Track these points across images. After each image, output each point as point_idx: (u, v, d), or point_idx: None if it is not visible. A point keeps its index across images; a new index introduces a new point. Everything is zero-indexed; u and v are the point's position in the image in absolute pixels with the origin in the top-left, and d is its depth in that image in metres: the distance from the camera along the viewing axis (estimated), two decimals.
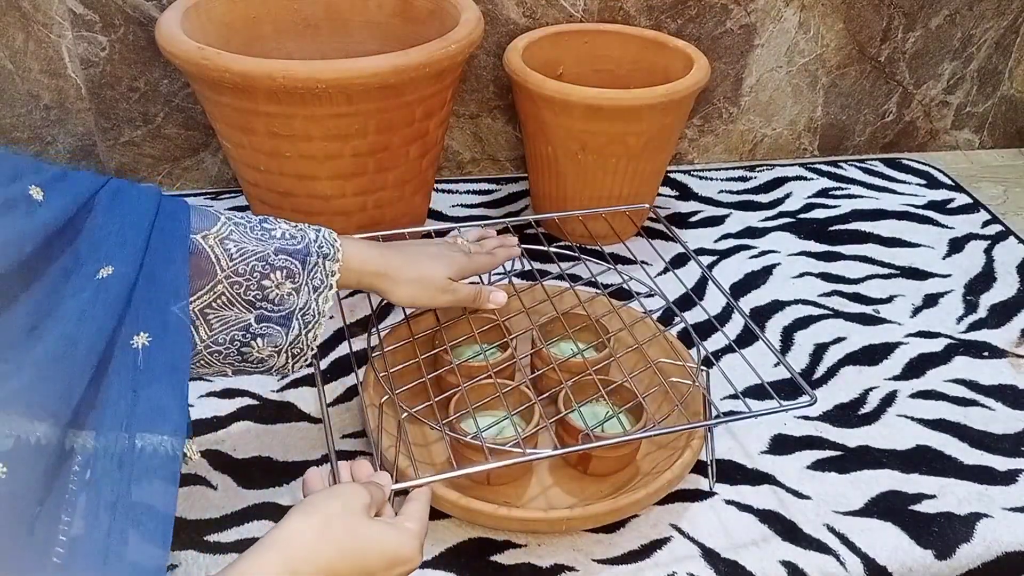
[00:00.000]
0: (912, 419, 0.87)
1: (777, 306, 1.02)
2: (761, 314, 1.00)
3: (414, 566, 0.54)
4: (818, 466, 0.81)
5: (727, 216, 1.19)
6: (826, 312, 1.01)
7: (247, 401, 0.85)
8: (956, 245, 1.15)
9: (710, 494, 0.77)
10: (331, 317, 0.66)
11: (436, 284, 0.72)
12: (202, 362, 0.61)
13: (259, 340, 0.62)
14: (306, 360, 0.66)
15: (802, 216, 1.20)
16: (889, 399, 0.89)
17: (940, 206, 1.24)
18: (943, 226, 1.19)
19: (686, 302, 0.98)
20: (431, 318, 0.84)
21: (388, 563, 0.53)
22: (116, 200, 0.58)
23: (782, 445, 0.83)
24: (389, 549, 0.53)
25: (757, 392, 0.86)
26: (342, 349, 0.92)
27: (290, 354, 0.64)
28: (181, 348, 0.56)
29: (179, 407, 0.53)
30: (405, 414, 0.71)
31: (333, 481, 0.61)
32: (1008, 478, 0.80)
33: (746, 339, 0.95)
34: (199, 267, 0.59)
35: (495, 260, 0.79)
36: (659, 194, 1.21)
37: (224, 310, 0.60)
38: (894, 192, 1.27)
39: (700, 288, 1.03)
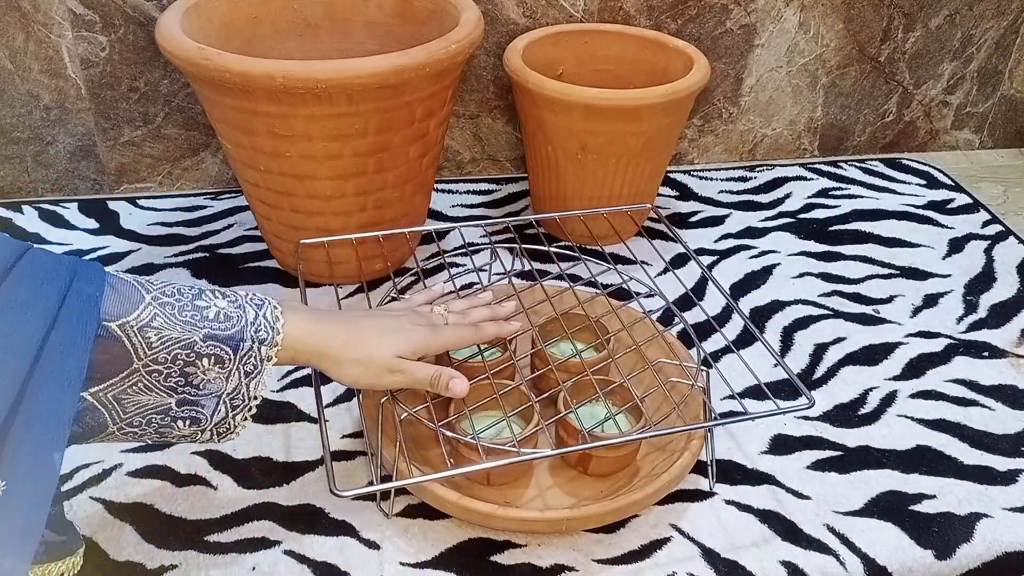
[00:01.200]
0: (912, 419, 0.87)
1: (777, 306, 1.02)
2: (761, 314, 1.00)
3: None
4: (818, 466, 0.81)
5: (727, 216, 1.19)
6: (826, 312, 1.01)
7: None
8: (956, 245, 1.15)
9: (710, 494, 0.77)
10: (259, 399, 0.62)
11: (381, 364, 0.65)
12: (115, 437, 0.57)
13: (180, 422, 0.58)
14: (236, 436, 0.62)
15: (802, 216, 1.20)
16: (889, 399, 0.89)
17: (940, 206, 1.24)
18: (943, 226, 1.19)
19: (686, 302, 0.98)
20: None
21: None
22: (17, 285, 0.51)
23: (782, 445, 0.83)
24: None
25: (758, 392, 0.86)
26: None
27: (215, 432, 0.60)
28: (38, 504, 0.50)
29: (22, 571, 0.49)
30: (404, 414, 0.71)
31: (329, 476, 0.60)
32: (1008, 478, 0.80)
33: (746, 339, 0.95)
34: (112, 355, 0.54)
35: (479, 335, 0.72)
36: (659, 194, 1.21)
37: (141, 395, 0.56)
38: (894, 192, 1.27)
39: (700, 288, 1.03)
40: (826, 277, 1.07)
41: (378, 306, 0.77)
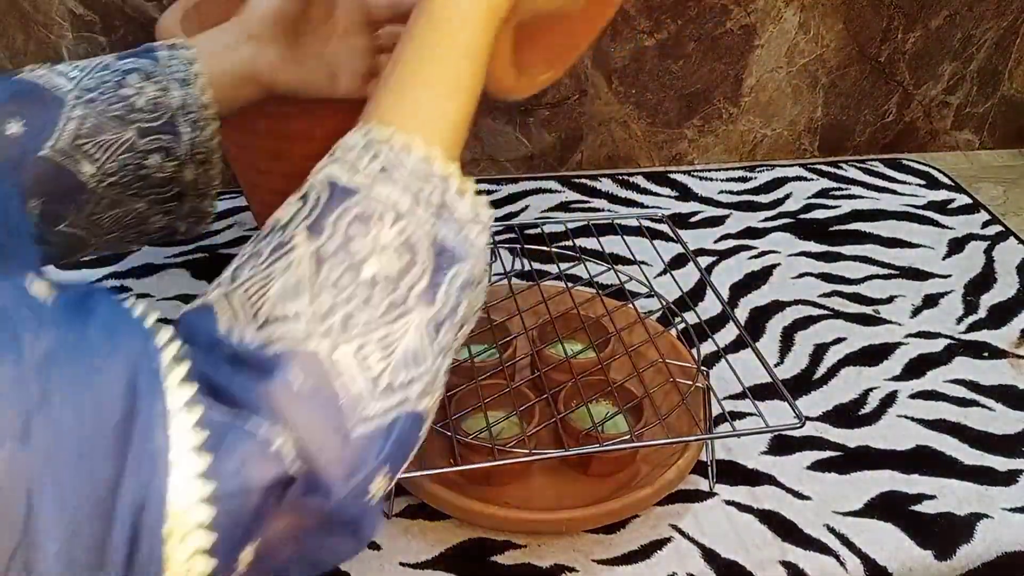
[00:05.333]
0: (912, 419, 0.87)
1: (777, 306, 1.02)
2: (761, 314, 1.00)
3: None
4: (818, 466, 0.81)
5: (727, 216, 1.19)
6: (826, 312, 1.01)
7: None
8: (956, 245, 1.15)
9: (710, 494, 0.77)
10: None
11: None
12: (103, 205, 0.56)
13: (153, 156, 0.58)
14: (217, 181, 0.64)
15: (802, 216, 1.20)
16: (889, 399, 0.89)
17: (940, 206, 1.24)
18: (943, 226, 1.19)
19: (686, 303, 0.98)
20: None
21: None
22: None
23: (782, 445, 0.83)
24: None
25: (758, 392, 0.86)
26: None
27: (197, 163, 0.61)
28: None
29: None
30: None
31: None
32: (1008, 479, 0.80)
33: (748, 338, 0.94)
34: (41, 100, 0.53)
35: None
36: (659, 195, 1.21)
37: (97, 135, 0.55)
38: (894, 192, 1.27)
39: (702, 288, 1.03)
40: (826, 277, 1.07)
41: None
